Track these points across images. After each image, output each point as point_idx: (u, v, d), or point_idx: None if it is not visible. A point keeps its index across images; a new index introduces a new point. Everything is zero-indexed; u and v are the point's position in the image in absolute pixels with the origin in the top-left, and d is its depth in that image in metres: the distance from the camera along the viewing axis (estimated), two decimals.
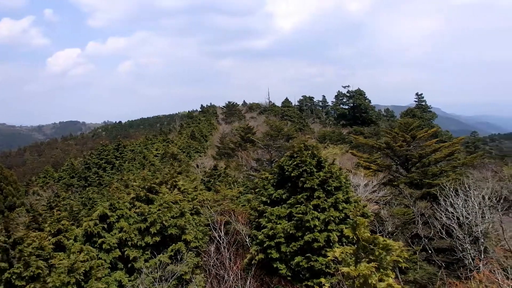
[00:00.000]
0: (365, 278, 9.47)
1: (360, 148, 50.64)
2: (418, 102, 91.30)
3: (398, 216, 26.98)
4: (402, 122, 36.66)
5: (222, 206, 23.95)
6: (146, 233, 18.19)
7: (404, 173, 32.76)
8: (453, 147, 33.76)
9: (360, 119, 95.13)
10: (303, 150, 19.21)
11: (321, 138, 68.49)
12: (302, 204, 18.19)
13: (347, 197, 18.97)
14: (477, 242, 24.59)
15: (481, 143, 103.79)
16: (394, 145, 32.21)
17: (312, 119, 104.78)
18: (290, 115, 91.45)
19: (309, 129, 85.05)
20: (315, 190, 18.44)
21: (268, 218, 18.78)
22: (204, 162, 48.30)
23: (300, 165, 18.79)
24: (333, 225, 17.81)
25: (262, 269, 18.71)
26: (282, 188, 19.48)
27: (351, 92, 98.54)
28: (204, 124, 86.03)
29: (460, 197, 25.59)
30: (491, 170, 31.12)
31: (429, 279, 25.28)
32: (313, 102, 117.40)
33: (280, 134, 38.67)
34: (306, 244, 17.61)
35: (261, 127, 69.52)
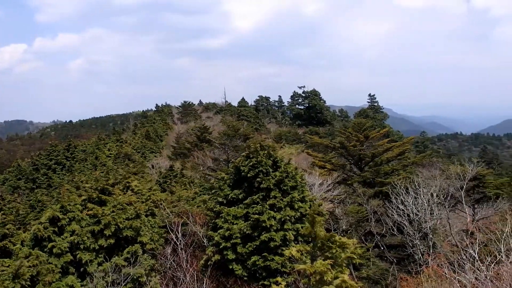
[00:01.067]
0: (321, 275, 9.57)
1: (315, 148, 51.45)
2: (371, 103, 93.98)
3: (352, 214, 27.58)
4: (355, 122, 37.60)
5: (178, 207, 23.61)
6: (99, 236, 17.59)
7: (358, 172, 33.57)
8: (404, 146, 34.95)
9: (315, 119, 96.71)
10: (259, 150, 19.25)
11: (277, 138, 69.05)
12: (259, 204, 18.22)
13: (302, 196, 19.17)
14: (426, 238, 25.56)
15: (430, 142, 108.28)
16: (348, 145, 32.94)
17: (269, 119, 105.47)
18: (246, 115, 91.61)
19: (265, 129, 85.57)
20: (271, 190, 18.52)
21: (224, 218, 18.67)
22: (160, 163, 47.48)
23: (256, 165, 18.81)
24: (289, 224, 17.96)
25: (218, 270, 18.59)
26: (238, 188, 19.43)
27: (307, 93, 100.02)
28: (159, 123, 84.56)
29: (410, 195, 26.50)
30: (438, 169, 32.44)
31: (382, 275, 26.00)
32: (269, 102, 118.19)
33: (236, 134, 38.63)
34: (262, 243, 17.64)
35: (218, 127, 69.25)
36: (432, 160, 47.34)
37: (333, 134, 65.34)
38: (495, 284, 13.41)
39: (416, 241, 25.44)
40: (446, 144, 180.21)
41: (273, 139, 65.98)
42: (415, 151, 67.90)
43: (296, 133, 76.44)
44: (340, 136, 36.88)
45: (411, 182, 27.33)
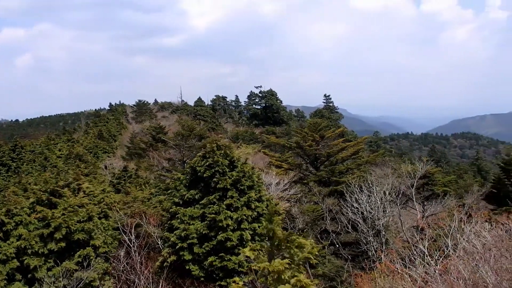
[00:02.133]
0: (279, 274, 9.58)
1: (272, 148, 51.78)
2: (326, 103, 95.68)
3: (308, 213, 27.91)
4: (311, 122, 38.13)
5: (132, 208, 23.00)
6: (49, 240, 16.85)
7: (314, 172, 34.05)
8: (358, 146, 35.81)
9: (272, 119, 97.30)
10: (215, 150, 19.09)
11: (234, 138, 68.94)
12: (215, 204, 18.07)
13: (259, 196, 19.18)
14: (379, 234, 26.26)
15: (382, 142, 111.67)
16: (304, 145, 33.35)
17: (225, 118, 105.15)
18: (203, 114, 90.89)
19: (222, 129, 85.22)
20: (228, 190, 18.42)
21: (180, 219, 18.38)
22: (113, 163, 46.19)
23: (212, 165, 18.65)
24: (246, 223, 17.93)
25: (174, 272, 18.27)
26: (194, 188, 19.19)
27: (264, 93, 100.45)
28: (113, 123, 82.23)
29: (364, 193, 27.14)
30: (391, 167, 33.40)
31: (337, 272, 26.45)
32: (226, 102, 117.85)
33: (192, 133, 38.19)
34: (219, 243, 17.51)
35: (173, 126, 68.26)
36: (385, 159, 48.75)
37: (290, 134, 65.96)
38: (443, 278, 13.91)
39: (370, 238, 26.09)
40: (397, 143, 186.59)
41: (230, 139, 65.84)
42: (369, 151, 69.69)
43: (253, 133, 76.62)
44: (296, 136, 37.27)
45: (365, 181, 28.01)
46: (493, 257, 13.63)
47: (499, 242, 15.17)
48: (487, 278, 12.27)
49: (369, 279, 19.73)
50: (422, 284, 14.69)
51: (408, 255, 18.53)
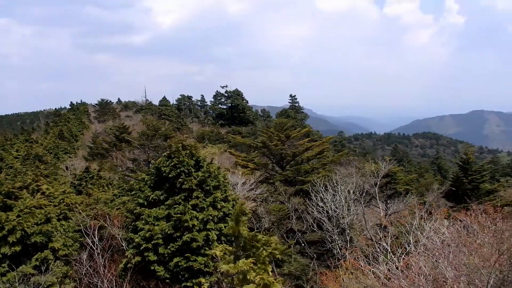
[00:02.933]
0: (244, 274, 9.54)
1: (238, 148, 51.71)
2: (292, 103, 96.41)
3: (274, 213, 27.99)
4: (277, 122, 38.29)
5: (95, 210, 22.39)
6: (3, 243, 16.14)
7: (280, 171, 34.20)
8: (323, 146, 36.23)
9: (238, 119, 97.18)
10: (181, 150, 18.84)
11: (199, 138, 68.43)
12: (181, 205, 17.84)
13: (225, 196, 19.08)
14: (344, 233, 26.64)
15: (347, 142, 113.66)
16: (270, 144, 33.44)
17: (191, 118, 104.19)
18: (168, 114, 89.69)
19: (187, 129, 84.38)
20: (194, 190, 18.23)
21: (145, 220, 18.04)
22: (75, 164, 44.88)
23: (178, 165, 18.40)
24: (212, 224, 17.80)
25: (139, 274, 17.89)
26: (159, 189, 18.88)
27: (229, 92, 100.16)
28: (74, 122, 79.81)
29: (329, 192, 27.48)
30: (355, 167, 33.97)
31: (303, 270, 26.66)
32: (191, 102, 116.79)
33: (157, 133, 37.62)
34: (184, 244, 17.30)
35: (138, 126, 67.01)
36: (349, 158, 49.55)
37: (256, 134, 66.12)
38: (405, 274, 14.22)
39: (335, 236, 26.42)
40: (361, 143, 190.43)
41: (196, 139, 65.28)
42: (334, 150, 70.76)
43: (219, 132, 76.29)
44: (262, 136, 37.33)
45: (330, 180, 28.37)
46: (451, 253, 14.06)
47: (457, 238, 15.66)
48: (446, 273, 12.64)
49: (334, 276, 19.97)
50: (385, 281, 14.98)
51: (372, 252, 18.90)
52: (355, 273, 17.80)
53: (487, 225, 15.69)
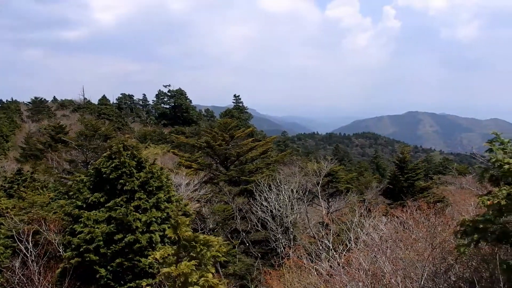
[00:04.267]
0: (186, 276, 9.42)
1: (181, 148, 50.99)
2: (236, 103, 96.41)
3: (219, 213, 27.85)
4: (221, 122, 38.11)
5: (30, 214, 21.17)
6: None
7: (224, 171, 34.06)
8: (267, 145, 36.51)
9: (181, 118, 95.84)
10: (122, 151, 18.25)
11: (141, 138, 66.81)
12: (122, 207, 17.27)
13: (169, 197, 18.73)
14: (287, 231, 27.01)
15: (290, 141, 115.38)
16: (214, 144, 33.22)
17: (132, 118, 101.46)
18: (108, 113, 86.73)
19: (128, 129, 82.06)
20: (136, 192, 17.73)
21: (84, 223, 17.27)
22: (5, 166, 42.22)
23: (119, 166, 17.80)
24: (155, 225, 17.41)
25: (78, 279, 17.11)
26: (99, 191, 18.16)
27: (172, 92, 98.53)
28: (5, 121, 75.00)
29: (273, 192, 27.74)
30: (298, 166, 34.56)
31: (247, 270, 26.73)
32: (133, 101, 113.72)
33: (96, 133, 36.25)
34: (127, 246, 16.79)
35: (75, 126, 64.30)
36: (292, 158, 50.36)
37: (200, 134, 65.50)
38: (346, 270, 14.62)
39: (279, 235, 26.72)
40: (304, 143, 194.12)
41: (138, 139, 63.64)
42: (277, 150, 71.64)
43: (162, 132, 74.87)
44: (206, 136, 37.00)
45: (274, 180, 28.65)
46: (389, 248, 14.64)
47: (394, 233, 16.35)
48: (384, 268, 13.12)
49: (278, 275, 20.13)
50: (327, 277, 15.29)
51: (315, 250, 19.28)
52: (298, 271, 18.07)
53: (422, 221, 16.52)
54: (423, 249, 13.36)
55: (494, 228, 9.42)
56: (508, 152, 9.48)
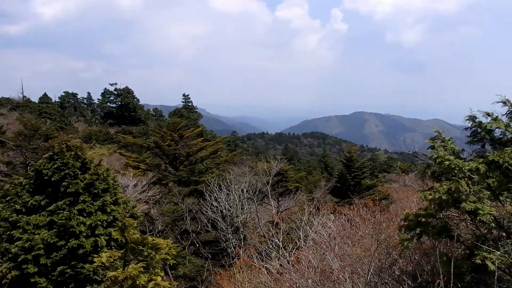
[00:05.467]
0: (133, 280, 9.20)
1: (129, 148, 49.75)
2: (185, 102, 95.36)
3: (168, 214, 27.41)
4: (170, 121, 37.49)
5: None
6: None
7: (173, 172, 33.55)
8: (217, 145, 36.34)
9: (128, 118, 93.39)
10: (65, 151, 17.46)
11: (86, 138, 64.45)
12: (65, 210, 16.51)
13: (115, 199, 18.14)
14: (237, 231, 27.01)
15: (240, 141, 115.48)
16: (163, 144, 32.64)
17: (76, 117, 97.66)
18: (49, 112, 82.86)
19: (72, 128, 78.91)
20: (80, 194, 17.02)
21: (23, 228, 16.36)
22: None
23: (61, 168, 17.01)
24: (101, 229, 16.78)
25: None
26: (40, 194, 17.27)
27: (119, 90, 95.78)
28: None
29: (223, 192, 27.64)
30: (248, 166, 34.66)
31: (197, 272, 26.50)
32: (77, 99, 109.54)
33: (37, 133, 34.49)
34: (70, 252, 16.06)
35: (13, 125, 60.89)
36: (243, 158, 50.49)
37: (148, 134, 64.18)
38: (296, 268, 14.78)
39: (229, 235, 26.65)
40: (254, 142, 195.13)
41: (82, 139, 61.32)
42: (227, 150, 71.52)
43: (108, 132, 72.60)
44: (154, 136, 36.28)
45: (224, 180, 28.56)
46: (337, 245, 14.96)
47: (342, 231, 16.73)
48: (333, 265, 13.39)
49: (228, 275, 20.08)
50: (277, 276, 15.39)
51: (265, 249, 19.38)
52: (248, 270, 18.08)
53: (368, 218, 17.02)
54: (369, 245, 13.75)
55: (435, 222, 9.83)
56: (448, 149, 9.94)
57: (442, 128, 10.65)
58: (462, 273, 9.46)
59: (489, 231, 9.48)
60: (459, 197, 8.94)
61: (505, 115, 10.40)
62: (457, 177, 8.98)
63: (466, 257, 9.88)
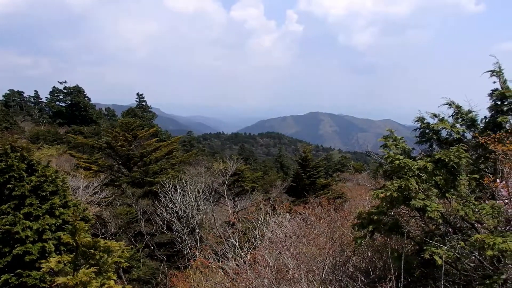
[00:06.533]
0: (85, 285, 8.90)
1: (80, 149, 48.15)
2: (139, 102, 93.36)
3: (121, 216, 26.80)
4: (123, 121, 36.56)
5: None
6: None
7: (126, 173, 32.78)
8: (172, 146, 35.83)
9: (79, 117, 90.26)
10: (10, 153, 16.62)
11: (33, 138, 61.76)
12: (10, 215, 15.71)
13: (65, 202, 17.44)
14: (193, 232, 26.78)
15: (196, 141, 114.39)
16: (116, 145, 31.81)
17: (23, 116, 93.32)
18: None
19: (18, 128, 75.33)
20: (27, 197, 16.24)
21: None
22: None
23: (6, 170, 16.16)
24: (49, 233, 16.09)
25: None
26: None
27: (69, 89, 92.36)
28: None
29: (178, 193, 27.33)
30: (204, 166, 34.44)
31: (152, 274, 26.07)
32: (23, 98, 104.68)
33: None
34: (15, 259, 15.28)
35: None
36: (198, 158, 50.06)
37: (100, 134, 62.38)
38: (252, 267, 14.81)
39: (185, 236, 26.38)
40: (210, 143, 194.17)
41: (29, 140, 58.73)
42: (183, 150, 70.65)
43: (57, 132, 69.88)
44: (107, 136, 35.30)
45: (179, 180, 28.25)
46: (293, 244, 15.11)
47: (297, 230, 16.93)
48: (289, 263, 13.51)
49: (184, 277, 19.89)
50: (234, 276, 15.36)
51: (221, 249, 19.30)
52: (205, 271, 17.96)
53: (323, 216, 17.32)
54: (324, 243, 13.98)
55: (387, 220, 10.12)
56: (400, 148, 10.27)
57: (392, 128, 11.01)
58: (412, 268, 9.79)
59: (437, 227, 9.85)
60: (409, 194, 9.25)
61: (451, 116, 10.89)
62: (407, 176, 9.28)
63: (416, 252, 10.23)
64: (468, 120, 10.65)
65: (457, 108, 10.75)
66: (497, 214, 8.75)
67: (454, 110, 10.80)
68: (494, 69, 10.13)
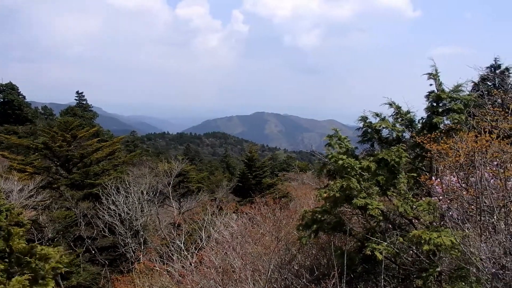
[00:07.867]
0: None
1: (13, 150, 45.47)
2: (79, 100, 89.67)
3: (59, 220, 25.66)
4: (62, 121, 34.95)
5: None
6: None
7: (65, 175, 31.36)
8: (114, 146, 34.72)
9: (13, 116, 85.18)
10: None
11: None
12: None
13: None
14: (137, 235, 26.14)
15: (140, 142, 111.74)
16: (53, 145, 30.34)
17: None
18: None
19: None
20: None
21: None
22: None
23: None
24: None
25: None
26: None
27: (1, 86, 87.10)
28: None
29: (121, 194, 26.57)
30: (148, 167, 33.69)
31: (93, 280, 25.22)
32: None
33: None
34: None
35: None
36: (142, 158, 48.92)
37: (36, 134, 59.34)
38: (198, 269, 14.68)
39: (128, 239, 25.70)
40: (154, 143, 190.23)
41: None
42: (126, 151, 68.69)
43: None
44: (44, 136, 33.58)
45: (122, 182, 27.47)
46: (239, 244, 15.12)
47: (244, 230, 16.96)
48: (235, 263, 13.50)
49: (128, 281, 19.43)
50: (180, 278, 15.15)
51: (166, 251, 18.98)
52: (149, 274, 17.59)
53: (268, 216, 17.47)
54: (269, 243, 14.10)
55: (330, 219, 10.37)
56: (344, 147, 10.53)
57: (337, 128, 11.28)
58: (354, 264, 10.09)
59: (377, 224, 10.22)
60: (351, 193, 9.52)
61: (391, 116, 11.34)
62: (349, 175, 9.55)
63: (358, 249, 10.55)
64: (407, 120, 11.14)
65: (397, 108, 11.21)
66: (432, 210, 9.21)
67: (394, 110, 11.26)
68: (431, 72, 10.66)
